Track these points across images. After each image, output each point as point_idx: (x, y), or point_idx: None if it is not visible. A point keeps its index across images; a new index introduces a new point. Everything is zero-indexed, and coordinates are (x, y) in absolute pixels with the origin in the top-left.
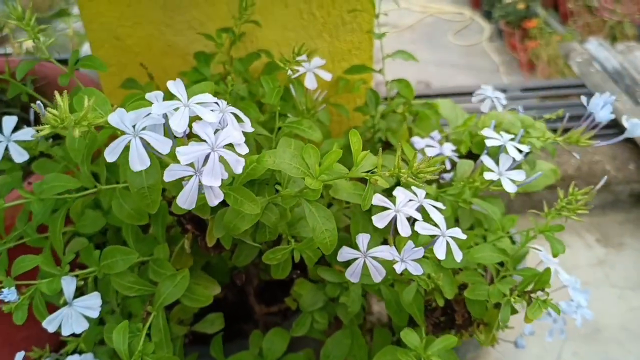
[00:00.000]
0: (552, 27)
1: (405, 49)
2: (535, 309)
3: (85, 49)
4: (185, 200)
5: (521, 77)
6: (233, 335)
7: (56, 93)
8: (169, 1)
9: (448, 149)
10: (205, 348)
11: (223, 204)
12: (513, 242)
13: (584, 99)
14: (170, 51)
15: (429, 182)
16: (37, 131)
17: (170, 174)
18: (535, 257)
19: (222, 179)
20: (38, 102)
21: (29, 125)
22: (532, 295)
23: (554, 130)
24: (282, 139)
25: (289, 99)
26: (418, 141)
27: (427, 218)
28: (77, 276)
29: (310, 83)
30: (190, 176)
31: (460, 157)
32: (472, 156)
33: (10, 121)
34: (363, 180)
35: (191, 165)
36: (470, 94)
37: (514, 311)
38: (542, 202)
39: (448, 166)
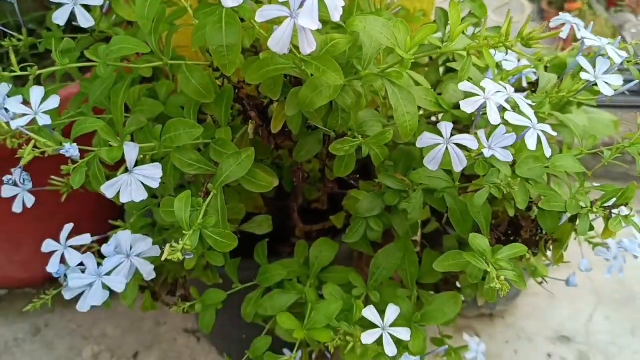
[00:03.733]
0: (595, 10)
1: None
2: (616, 222)
3: None
4: (277, 43)
5: None
6: (271, 254)
7: None
8: None
9: (526, 62)
10: (246, 261)
11: (297, 83)
12: None
13: None
14: None
15: None
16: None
17: (263, 14)
18: None
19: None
20: None
21: None
22: (613, 210)
23: None
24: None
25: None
26: (495, 53)
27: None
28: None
29: None
30: (285, 17)
31: None
32: None
33: None
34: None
35: (286, 5)
36: None
37: (591, 227)
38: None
39: (524, 84)
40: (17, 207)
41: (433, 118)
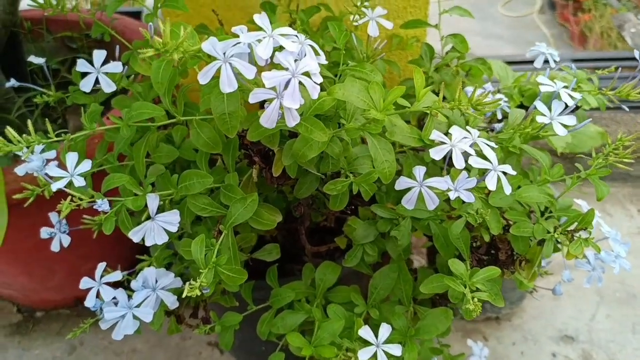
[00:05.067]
0: (607, 0)
1: (451, 19)
2: (576, 245)
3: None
4: (267, 120)
5: (571, 51)
6: (283, 274)
7: (160, 22)
8: None
9: (500, 98)
10: (259, 282)
11: (292, 135)
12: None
13: (636, 52)
14: (232, 4)
15: (482, 129)
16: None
17: (255, 97)
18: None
19: (299, 103)
20: (150, 24)
21: None
22: (575, 234)
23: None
24: (347, 78)
25: (349, 50)
26: (471, 91)
27: (479, 155)
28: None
29: (372, 31)
30: (272, 99)
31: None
32: (523, 109)
33: (100, 55)
34: (418, 126)
35: (273, 89)
36: (514, 62)
37: (556, 249)
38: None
39: (499, 116)
40: (55, 247)
41: None
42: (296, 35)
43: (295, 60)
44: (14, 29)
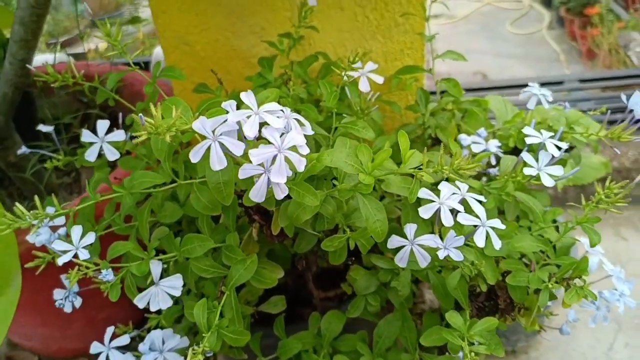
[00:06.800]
0: (616, 13)
1: (460, 39)
2: (572, 294)
3: (157, 50)
4: (257, 195)
5: (582, 67)
6: (293, 318)
7: (151, 106)
8: (233, 9)
9: (493, 145)
10: (268, 329)
11: (287, 196)
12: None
13: (623, 96)
14: (234, 55)
15: (476, 177)
16: (134, 137)
17: (243, 173)
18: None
19: (287, 177)
20: (141, 115)
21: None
22: (570, 282)
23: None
24: (338, 139)
25: (345, 99)
26: (465, 138)
27: (469, 210)
28: (161, 260)
29: (364, 86)
30: (261, 174)
31: (506, 152)
32: (517, 151)
33: (103, 125)
34: (412, 175)
35: (261, 165)
36: (526, 85)
37: (552, 297)
38: (595, 194)
39: (493, 161)
40: (68, 309)
41: None
42: (282, 110)
43: (282, 135)
44: (26, 89)
